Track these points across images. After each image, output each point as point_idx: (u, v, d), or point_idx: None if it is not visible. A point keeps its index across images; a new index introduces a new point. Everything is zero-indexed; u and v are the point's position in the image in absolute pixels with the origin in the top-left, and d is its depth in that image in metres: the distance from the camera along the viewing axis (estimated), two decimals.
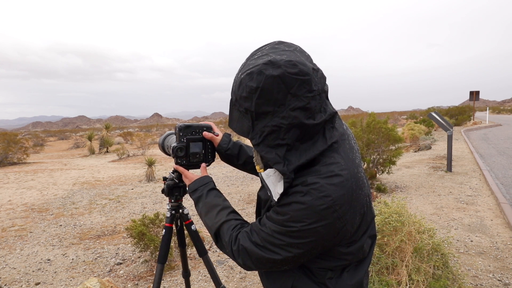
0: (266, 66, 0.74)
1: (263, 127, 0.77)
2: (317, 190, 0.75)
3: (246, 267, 0.88)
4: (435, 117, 7.54)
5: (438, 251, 2.45)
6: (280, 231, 0.80)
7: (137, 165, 10.91)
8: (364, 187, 0.85)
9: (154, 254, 3.22)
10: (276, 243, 0.81)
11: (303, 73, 0.75)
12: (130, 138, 23.13)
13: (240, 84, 0.77)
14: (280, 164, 0.78)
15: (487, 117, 25.88)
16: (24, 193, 7.09)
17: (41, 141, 24.33)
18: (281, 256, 0.81)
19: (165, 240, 1.56)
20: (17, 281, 3.13)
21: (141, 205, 5.81)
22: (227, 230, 0.93)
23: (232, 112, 0.83)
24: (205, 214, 1.02)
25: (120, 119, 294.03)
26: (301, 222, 0.76)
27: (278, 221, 0.80)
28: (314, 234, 0.77)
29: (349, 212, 0.79)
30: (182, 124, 1.31)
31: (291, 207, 0.78)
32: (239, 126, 0.82)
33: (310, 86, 0.75)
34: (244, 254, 0.86)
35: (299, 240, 0.78)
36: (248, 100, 0.76)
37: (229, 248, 0.91)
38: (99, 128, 22.03)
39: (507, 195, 5.24)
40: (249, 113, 0.77)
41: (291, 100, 0.74)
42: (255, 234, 0.85)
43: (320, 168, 0.78)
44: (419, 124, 15.26)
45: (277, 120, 0.75)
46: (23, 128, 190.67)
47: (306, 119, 0.76)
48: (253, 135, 0.79)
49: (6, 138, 13.10)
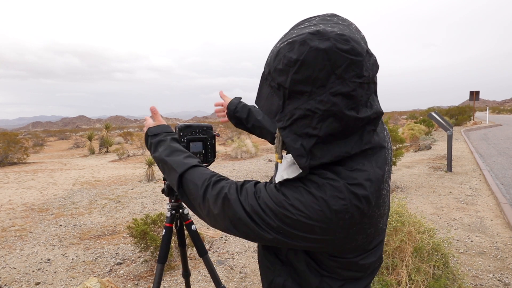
0: (312, 37, 0.61)
1: (294, 109, 0.64)
2: (335, 188, 0.66)
3: (217, 221, 0.75)
4: (435, 117, 7.54)
5: (438, 251, 2.45)
6: (274, 210, 0.69)
7: (137, 165, 10.92)
8: (382, 207, 0.74)
9: (154, 254, 3.22)
10: (265, 219, 0.70)
11: (355, 52, 0.61)
12: (130, 138, 23.14)
13: (278, 54, 0.65)
14: (304, 158, 0.66)
15: (487, 117, 25.90)
16: (24, 193, 7.09)
17: (41, 141, 24.34)
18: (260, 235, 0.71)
19: (165, 240, 1.56)
20: (17, 281, 3.13)
21: (141, 205, 5.81)
22: (201, 174, 0.82)
23: (262, 87, 0.72)
24: (168, 154, 0.90)
25: (120, 119, 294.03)
26: (302, 212, 0.66)
27: (277, 199, 0.69)
28: (309, 231, 0.67)
29: (355, 227, 0.69)
30: (182, 124, 1.31)
31: (298, 191, 0.68)
32: (268, 105, 0.70)
33: (361, 70, 0.62)
34: (225, 203, 0.74)
35: (290, 229, 0.68)
36: (284, 74, 0.64)
37: (201, 191, 0.78)
38: (99, 128, 22.03)
39: (507, 195, 5.24)
40: (281, 89, 0.65)
41: (335, 82, 0.61)
42: (245, 195, 0.73)
43: (343, 171, 0.68)
44: (419, 124, 15.26)
45: (313, 104, 0.62)
46: (23, 128, 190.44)
47: (348, 109, 0.63)
48: (281, 116, 0.67)
49: (6, 138, 13.11)
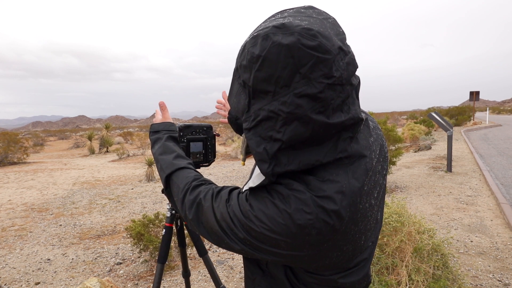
0: (276, 30, 0.57)
1: (258, 109, 0.60)
2: (300, 201, 0.60)
3: (193, 227, 0.74)
4: (435, 117, 7.54)
5: (438, 251, 2.45)
6: (240, 220, 0.64)
7: (137, 165, 10.91)
8: (361, 222, 0.66)
9: (154, 254, 3.22)
10: (233, 229, 0.66)
11: (322, 49, 0.55)
12: (130, 138, 23.15)
13: (243, 49, 0.61)
14: (266, 163, 0.61)
15: (487, 117, 25.89)
16: (24, 193, 7.09)
17: (41, 141, 24.34)
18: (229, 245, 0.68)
19: (165, 240, 1.56)
20: (17, 281, 3.13)
21: (141, 205, 5.81)
22: (184, 177, 0.82)
23: (233, 83, 0.68)
24: (161, 153, 0.93)
25: (120, 119, 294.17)
26: (265, 225, 0.61)
27: (244, 208, 0.65)
28: (274, 245, 0.63)
29: (326, 244, 0.62)
30: (182, 124, 1.31)
31: (263, 202, 0.63)
32: (236, 102, 0.66)
33: (330, 70, 0.56)
34: (199, 209, 0.72)
35: (255, 242, 0.64)
36: (247, 71, 0.60)
37: (181, 195, 0.78)
38: (99, 128, 22.04)
39: (507, 195, 5.24)
40: (246, 87, 0.61)
41: (300, 82, 0.56)
42: (219, 202, 0.70)
43: (312, 181, 0.61)
44: (419, 124, 15.26)
45: (276, 105, 0.57)
46: (23, 128, 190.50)
47: (314, 113, 0.57)
48: (247, 117, 0.62)
49: (6, 138, 13.11)
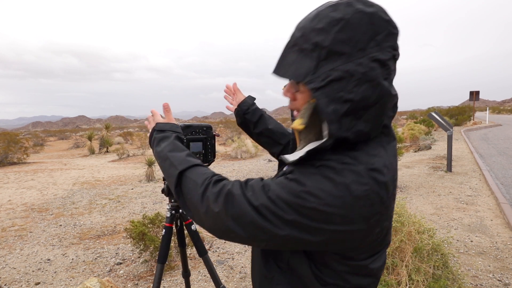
0: (357, 2, 0.62)
1: (330, 70, 0.61)
2: (355, 173, 0.60)
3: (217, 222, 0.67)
4: (435, 117, 7.54)
5: (438, 251, 2.45)
6: (288, 200, 0.61)
7: (137, 165, 10.91)
8: (394, 200, 0.68)
9: (154, 254, 3.22)
10: (277, 213, 0.62)
11: (393, 24, 0.63)
12: (130, 138, 23.14)
13: (317, 16, 0.63)
14: (335, 124, 0.61)
15: (487, 117, 25.90)
16: (24, 193, 7.09)
17: (41, 141, 24.34)
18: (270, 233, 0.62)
19: (165, 240, 1.56)
20: (17, 281, 3.13)
21: (141, 205, 5.81)
22: (202, 173, 0.76)
23: (285, 56, 0.67)
24: (171, 150, 0.85)
25: (120, 119, 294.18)
26: (320, 200, 0.59)
27: (290, 188, 0.62)
28: (328, 221, 0.60)
29: (374, 218, 0.62)
30: (182, 124, 1.31)
31: (314, 178, 0.61)
32: (293, 69, 0.64)
33: (395, 43, 0.63)
34: (228, 200, 0.66)
35: (306, 221, 0.60)
36: (324, 33, 0.61)
37: (200, 190, 0.71)
38: (99, 128, 22.06)
39: (507, 195, 5.25)
40: (317, 50, 0.61)
41: (374, 48, 0.60)
42: (252, 191, 0.65)
43: (360, 156, 0.63)
44: (419, 124, 15.27)
45: (351, 66, 0.60)
46: (23, 128, 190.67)
47: (382, 78, 0.61)
48: (314, 77, 0.62)
49: (6, 138, 13.10)
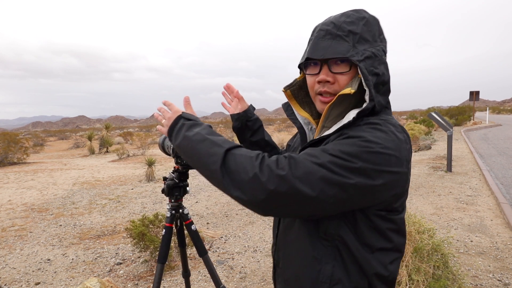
0: (365, 12, 0.84)
1: (364, 49, 0.79)
2: (393, 125, 0.75)
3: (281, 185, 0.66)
4: (435, 117, 7.54)
5: (438, 251, 2.45)
6: (352, 151, 0.67)
7: (137, 165, 10.90)
8: None
9: (154, 254, 3.22)
10: (344, 165, 0.66)
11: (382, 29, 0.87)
12: (130, 138, 23.13)
13: (342, 15, 0.82)
14: (374, 89, 0.79)
15: (487, 117, 25.89)
16: (24, 193, 7.09)
17: (41, 141, 24.33)
18: (339, 183, 0.66)
19: (165, 240, 1.57)
20: (17, 281, 3.13)
21: (141, 205, 5.81)
22: (249, 151, 0.75)
23: (317, 43, 0.81)
24: (208, 134, 0.82)
25: (120, 119, 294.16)
26: (379, 144, 0.68)
27: (349, 143, 0.69)
28: (387, 163, 0.68)
29: (408, 166, 0.74)
30: None
31: (367, 130, 0.72)
32: (332, 50, 0.79)
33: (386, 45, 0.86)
34: (292, 163, 0.68)
35: (371, 165, 0.66)
36: (354, 24, 0.80)
37: (256, 163, 0.70)
38: (99, 128, 22.05)
39: (507, 195, 5.25)
40: (351, 35, 0.79)
41: (381, 42, 0.83)
42: (310, 157, 0.69)
43: (385, 117, 0.79)
44: (419, 124, 15.27)
45: (374, 49, 0.80)
46: (23, 128, 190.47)
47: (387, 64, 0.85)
48: (354, 53, 0.78)
49: (6, 138, 13.09)
